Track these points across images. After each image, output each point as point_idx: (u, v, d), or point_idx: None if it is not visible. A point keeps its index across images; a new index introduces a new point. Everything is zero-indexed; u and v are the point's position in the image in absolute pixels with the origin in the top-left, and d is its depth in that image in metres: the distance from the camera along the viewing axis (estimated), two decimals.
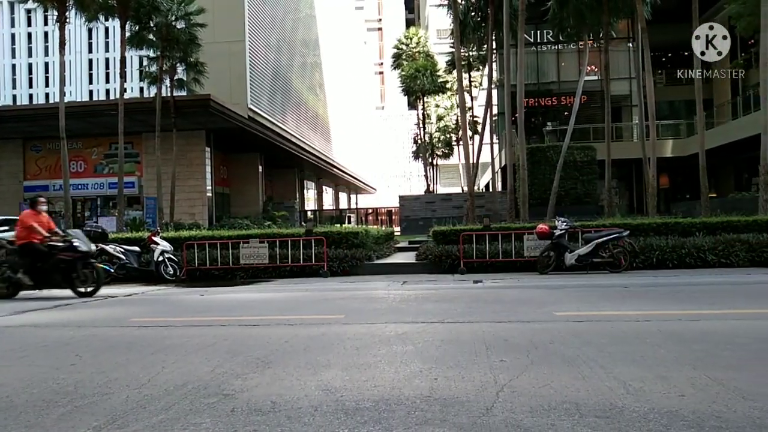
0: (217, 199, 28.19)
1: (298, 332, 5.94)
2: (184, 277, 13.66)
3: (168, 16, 21.86)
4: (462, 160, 31.55)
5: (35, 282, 10.27)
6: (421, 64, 41.62)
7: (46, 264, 10.16)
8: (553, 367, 4.18)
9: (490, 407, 3.29)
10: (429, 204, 30.72)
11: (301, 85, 37.46)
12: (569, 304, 7.47)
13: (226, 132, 26.31)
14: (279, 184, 37.26)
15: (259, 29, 29.29)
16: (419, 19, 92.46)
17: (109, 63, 42.78)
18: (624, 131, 34.92)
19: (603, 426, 2.95)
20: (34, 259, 10.16)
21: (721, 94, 33.59)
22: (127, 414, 3.40)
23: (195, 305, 9.03)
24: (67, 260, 10.16)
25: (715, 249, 12.29)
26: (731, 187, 30.71)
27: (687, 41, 21.74)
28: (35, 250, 10.15)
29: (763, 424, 2.92)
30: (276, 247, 13.75)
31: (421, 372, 4.15)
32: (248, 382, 4.04)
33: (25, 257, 10.20)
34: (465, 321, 6.31)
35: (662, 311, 6.65)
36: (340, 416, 3.22)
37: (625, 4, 21.74)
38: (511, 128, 25.04)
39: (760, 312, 6.45)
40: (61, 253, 10.16)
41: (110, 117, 21.75)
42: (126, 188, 22.39)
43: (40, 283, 10.30)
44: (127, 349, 5.35)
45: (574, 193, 26.09)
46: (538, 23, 31.72)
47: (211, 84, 24.02)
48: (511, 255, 12.99)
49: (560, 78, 35.45)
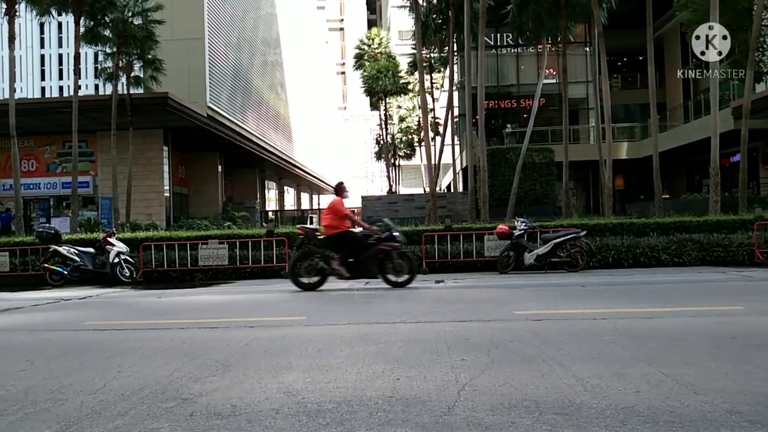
0: (175, 199, 27.62)
1: (259, 334, 5.87)
2: (141, 279, 13.36)
3: (124, 12, 21.31)
4: (424, 161, 31.71)
5: (351, 273, 9.82)
6: (383, 65, 41.67)
7: (364, 254, 9.73)
8: (513, 365, 4.24)
9: (451, 406, 3.31)
10: (391, 204, 30.75)
11: (261, 84, 37.06)
12: (529, 303, 7.59)
13: (184, 131, 25.82)
14: (239, 184, 36.77)
15: (218, 27, 28.86)
16: (381, 19, 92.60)
17: (63, 59, 41.50)
18: (581, 134, 35.70)
19: (562, 423, 3.00)
20: (351, 249, 9.74)
21: (674, 98, 34.66)
22: (81, 420, 3.30)
23: (152, 308, 8.84)
24: (385, 250, 9.74)
25: (669, 248, 12.67)
26: (683, 188, 31.71)
27: (642, 46, 22.39)
28: (354, 240, 9.77)
29: (713, 417, 3.02)
30: (236, 249, 13.56)
31: (384, 372, 4.14)
32: (207, 385, 3.97)
33: (342, 248, 9.75)
34: (427, 321, 6.34)
35: (618, 309, 6.82)
36: (302, 418, 3.19)
37: (582, 9, 22.25)
38: (471, 130, 25.30)
39: (711, 309, 6.67)
40: (382, 244, 9.74)
41: (64, 115, 21.08)
42: (80, 188, 21.75)
43: (355, 274, 9.87)
44: (81, 354, 5.20)
45: (533, 194, 26.53)
46: (498, 26, 32.16)
47: (169, 82, 23.54)
48: (472, 255, 13.13)
49: (520, 81, 36.03)
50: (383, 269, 9.86)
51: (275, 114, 40.12)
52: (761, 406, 3.18)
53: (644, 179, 31.74)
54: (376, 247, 9.76)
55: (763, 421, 2.95)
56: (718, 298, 7.60)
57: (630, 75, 37.86)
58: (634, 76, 37.34)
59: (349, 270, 9.81)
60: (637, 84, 36.55)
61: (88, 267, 13.19)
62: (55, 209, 26.31)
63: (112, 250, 13.10)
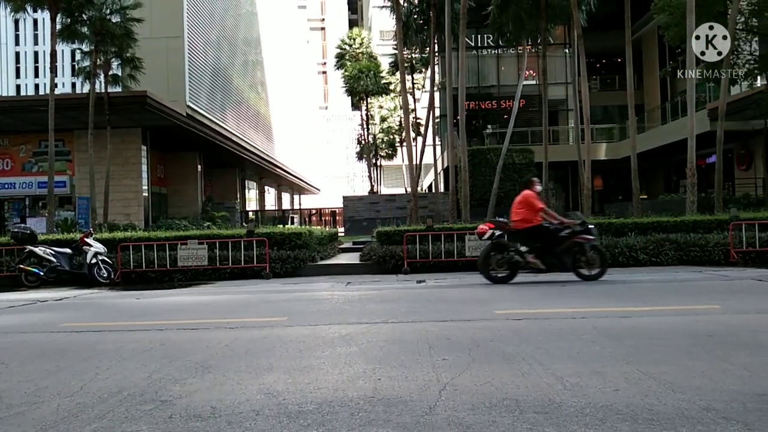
0: (154, 199, 27.33)
1: (239, 335, 5.82)
2: (119, 280, 13.18)
3: (102, 9, 21.04)
4: (405, 161, 31.76)
5: (546, 266, 9.78)
6: (364, 65, 41.66)
7: (559, 247, 9.69)
8: (494, 364, 4.26)
9: (433, 406, 3.32)
10: (373, 205, 30.79)
11: (242, 83, 36.81)
12: (509, 303, 7.63)
13: (163, 130, 25.56)
14: (219, 184, 36.51)
15: (198, 25, 28.61)
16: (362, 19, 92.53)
17: (39, 56, 40.82)
18: (560, 135, 36.04)
19: (542, 421, 3.02)
20: (545, 242, 9.71)
21: (652, 99, 35.14)
22: (57, 424, 3.25)
23: (130, 309, 8.73)
24: (579, 243, 9.70)
25: (647, 248, 12.82)
26: (661, 188, 32.17)
27: (620, 48, 22.66)
28: (549, 233, 9.73)
29: (690, 415, 3.06)
30: (216, 249, 13.44)
31: (365, 373, 4.14)
32: (187, 387, 3.93)
33: (535, 241, 9.73)
34: (408, 321, 6.34)
35: (597, 308, 6.89)
36: (283, 420, 3.18)
37: (562, 11, 22.46)
38: (452, 130, 25.41)
39: (688, 308, 6.76)
40: (576, 236, 9.68)
41: (40, 113, 20.72)
42: (57, 188, 21.40)
43: (550, 267, 9.82)
44: (58, 356, 5.11)
45: (514, 194, 26.24)
46: (479, 27, 32.35)
47: (147, 80, 23.29)
48: (453, 255, 13.17)
49: (500, 82, 36.27)
50: (576, 262, 9.92)
51: (256, 113, 39.89)
52: (736, 403, 3.24)
53: (622, 180, 32.17)
54: (571, 239, 9.79)
55: (737, 417, 3.00)
56: (695, 297, 7.71)
57: (609, 77, 38.31)
58: (612, 77, 37.79)
59: (544, 263, 9.87)
60: (615, 86, 36.98)
61: (65, 268, 12.99)
62: (31, 209, 25.88)
63: (90, 251, 12.92)
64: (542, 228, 9.86)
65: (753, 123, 22.27)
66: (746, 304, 6.83)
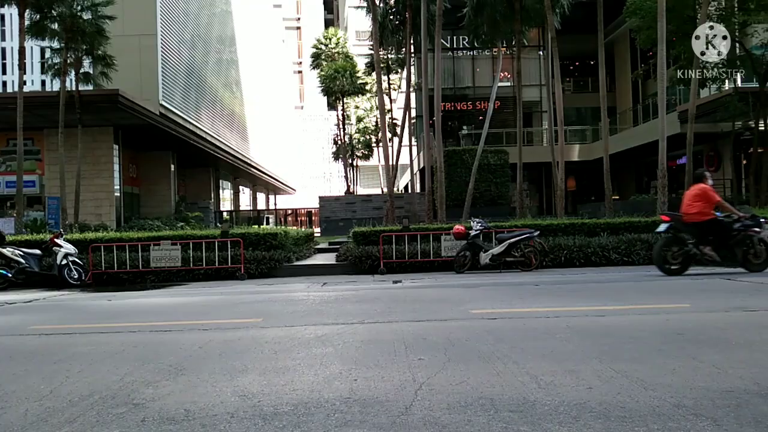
0: (126, 199, 26.92)
1: (213, 337, 5.76)
2: (90, 281, 12.96)
3: (72, 5, 20.64)
4: (382, 162, 31.79)
5: (721, 258, 9.96)
6: (340, 65, 41.58)
7: (732, 240, 9.81)
8: (470, 363, 4.28)
9: (409, 406, 3.32)
10: (349, 205, 30.72)
11: (216, 82, 36.46)
12: (484, 302, 7.68)
13: (136, 129, 25.19)
14: (193, 183, 36.08)
15: (171, 23, 28.24)
16: (338, 19, 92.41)
17: (6, 53, 39.91)
18: (535, 136, 36.43)
19: (517, 420, 3.04)
20: (720, 235, 9.83)
21: (624, 102, 35.71)
22: (26, 429, 3.18)
23: (102, 311, 8.58)
24: (750, 236, 9.76)
25: (618, 248, 13.03)
26: (633, 189, 32.70)
27: (593, 51, 22.99)
28: (725, 227, 9.84)
29: (661, 412, 3.11)
30: (189, 250, 13.30)
31: (341, 374, 4.13)
32: (160, 390, 3.88)
33: (710, 234, 9.84)
34: (385, 321, 6.34)
35: (570, 308, 6.97)
36: (258, 422, 3.15)
37: (536, 14, 22.71)
38: (428, 131, 25.49)
39: (659, 307, 6.88)
40: (749, 229, 9.75)
41: (8, 111, 20.27)
42: (26, 187, 20.95)
43: (725, 260, 9.93)
44: (26, 359, 5.00)
45: (489, 195, 26.93)
46: (454, 29, 32.54)
47: (120, 78, 22.91)
48: (429, 255, 13.23)
49: (475, 83, 36.51)
50: (745, 254, 10.01)
51: (230, 113, 39.54)
52: (705, 399, 3.30)
53: (595, 181, 32.61)
54: (745, 232, 9.90)
55: (707, 414, 3.06)
56: (666, 296, 7.85)
57: (582, 79, 38.84)
58: (585, 80, 38.33)
59: (720, 255, 10.01)
60: (588, 88, 37.52)
61: (34, 269, 12.73)
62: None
63: (60, 252, 12.68)
64: (718, 221, 10.10)
65: (721, 125, 22.79)
66: (715, 303, 6.97)
